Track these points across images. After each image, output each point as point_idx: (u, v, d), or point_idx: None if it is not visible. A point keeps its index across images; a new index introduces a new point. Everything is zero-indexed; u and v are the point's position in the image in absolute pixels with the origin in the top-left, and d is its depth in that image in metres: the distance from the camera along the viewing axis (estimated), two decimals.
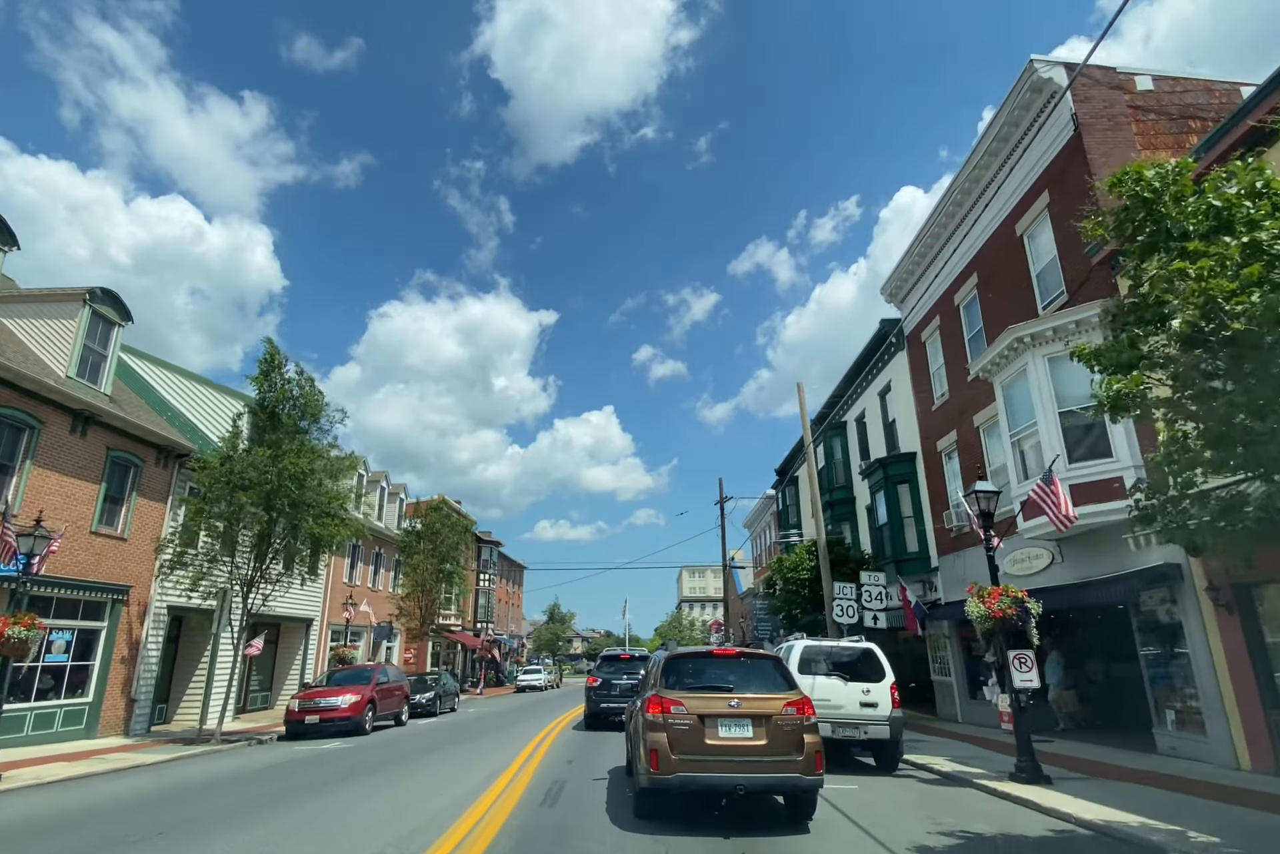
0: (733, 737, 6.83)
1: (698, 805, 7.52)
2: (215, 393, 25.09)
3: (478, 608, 49.96)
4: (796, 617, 19.34)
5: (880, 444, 22.60)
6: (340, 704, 16.80)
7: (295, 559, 17.20)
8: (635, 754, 7.76)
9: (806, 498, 33.26)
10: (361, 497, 30.08)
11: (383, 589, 32.39)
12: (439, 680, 25.09)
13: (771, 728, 6.85)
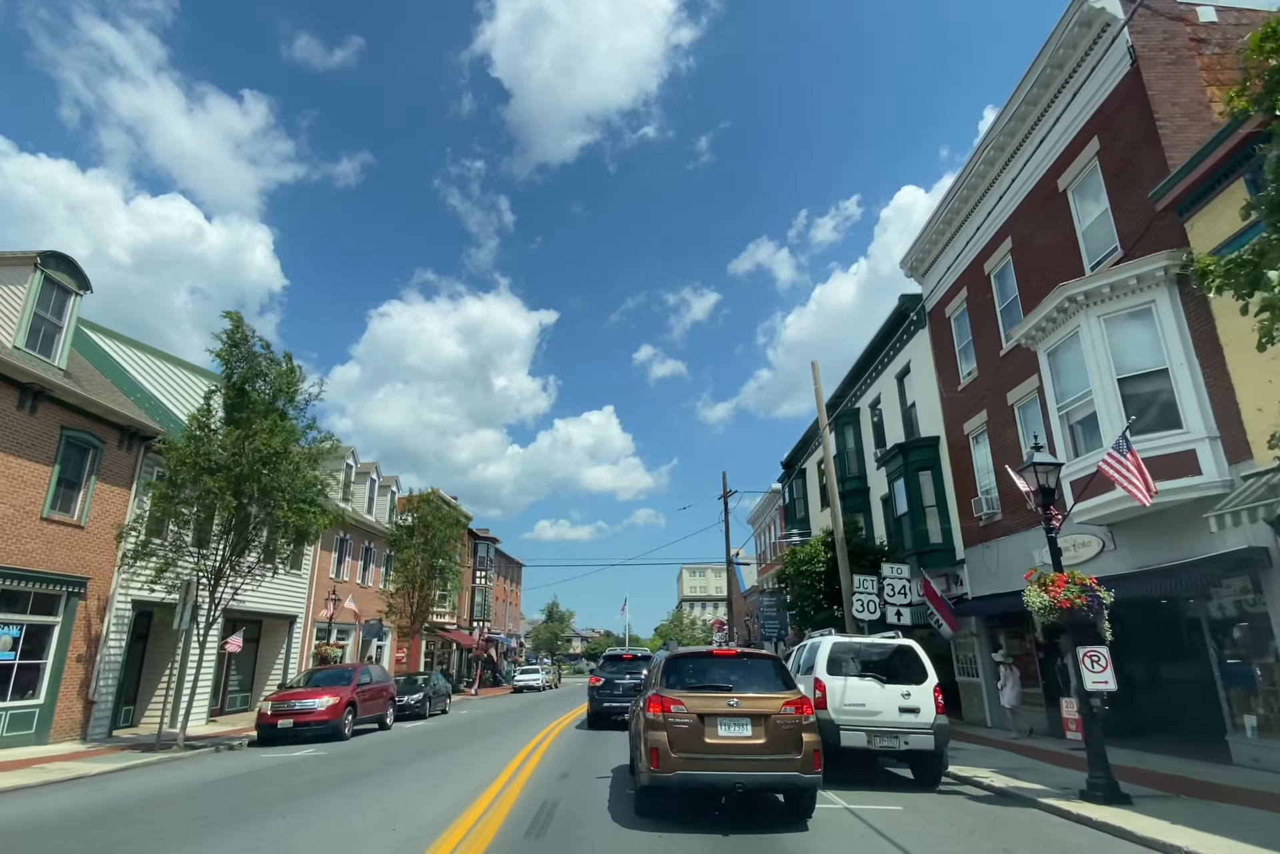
0: (732, 735, 6.89)
1: (698, 803, 7.53)
2: (192, 376, 23.74)
3: (474, 606, 48.57)
4: (811, 613, 17.97)
5: (898, 430, 21.23)
6: (317, 707, 15.43)
7: (269, 550, 15.80)
8: (636, 753, 7.81)
9: (815, 491, 31.91)
10: (348, 484, 28.74)
11: (373, 585, 31.01)
12: (429, 681, 23.71)
13: (770, 727, 6.90)
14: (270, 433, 14.69)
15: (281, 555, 16.06)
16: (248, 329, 15.73)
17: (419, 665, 37.14)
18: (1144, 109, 11.18)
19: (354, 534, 29.23)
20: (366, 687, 17.36)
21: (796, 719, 7.01)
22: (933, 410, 19.06)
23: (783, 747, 6.85)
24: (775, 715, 6.96)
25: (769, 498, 45.41)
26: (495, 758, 11.93)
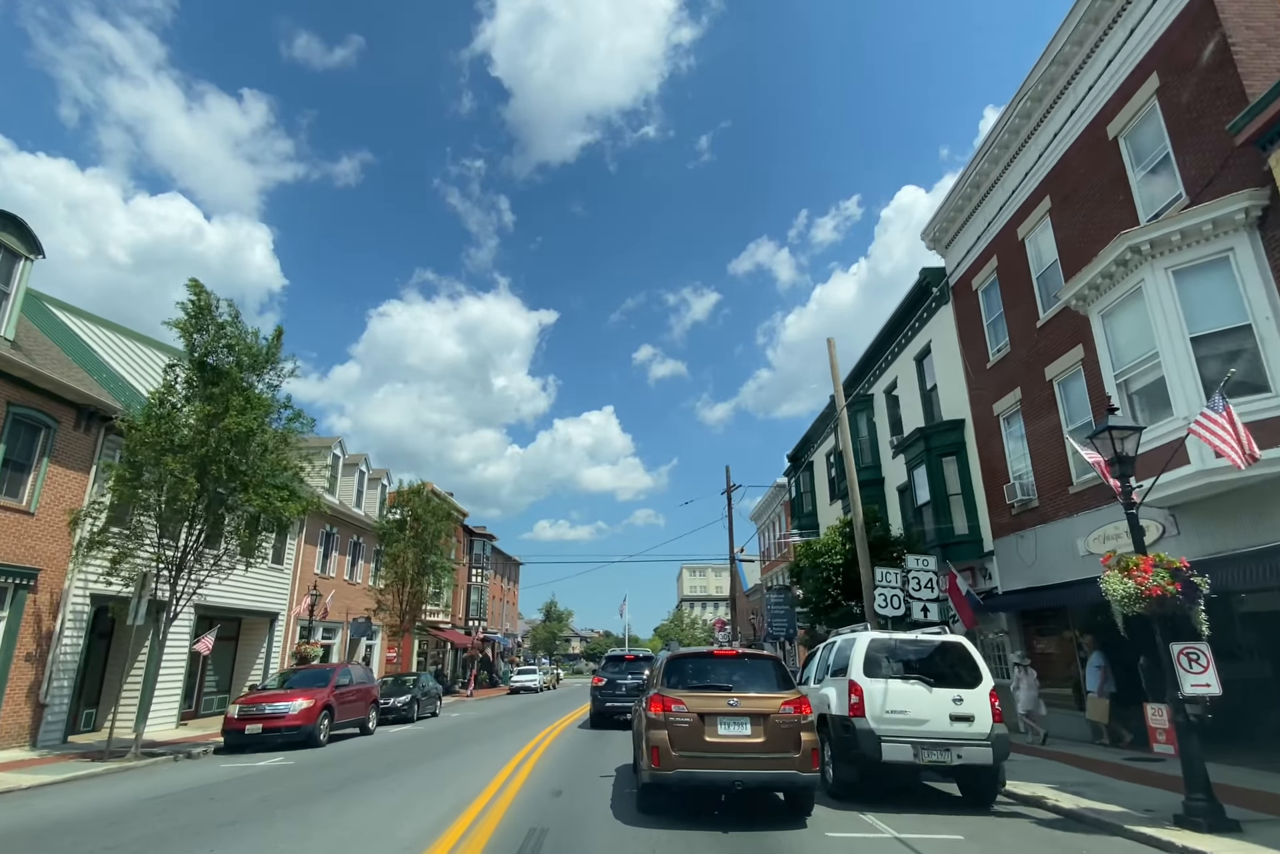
0: (732, 734, 6.98)
1: (699, 801, 7.63)
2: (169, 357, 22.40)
3: (469, 604, 47.22)
4: (826, 609, 16.62)
5: (917, 415, 19.90)
6: (288, 710, 14.09)
7: (237, 539, 14.45)
8: (638, 751, 7.91)
9: (823, 484, 30.59)
10: (336, 476, 27.31)
11: (361, 582, 29.64)
12: (417, 682, 22.37)
13: (769, 726, 6.99)
14: (241, 411, 13.35)
15: (249, 545, 14.67)
16: (211, 297, 14.38)
17: (411, 666, 35.79)
18: (1215, 36, 9.86)
19: (341, 528, 27.88)
20: (345, 688, 16.02)
21: (795, 719, 7.07)
22: (956, 392, 17.73)
23: (781, 746, 6.91)
24: (774, 715, 7.05)
25: (773, 493, 44.09)
26: (482, 769, 10.61)
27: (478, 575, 48.64)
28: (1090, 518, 12.50)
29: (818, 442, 31.71)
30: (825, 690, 8.61)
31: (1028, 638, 15.06)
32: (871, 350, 23.44)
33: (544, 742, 14.62)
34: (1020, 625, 15.22)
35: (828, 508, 29.74)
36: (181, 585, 13.97)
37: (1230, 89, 9.64)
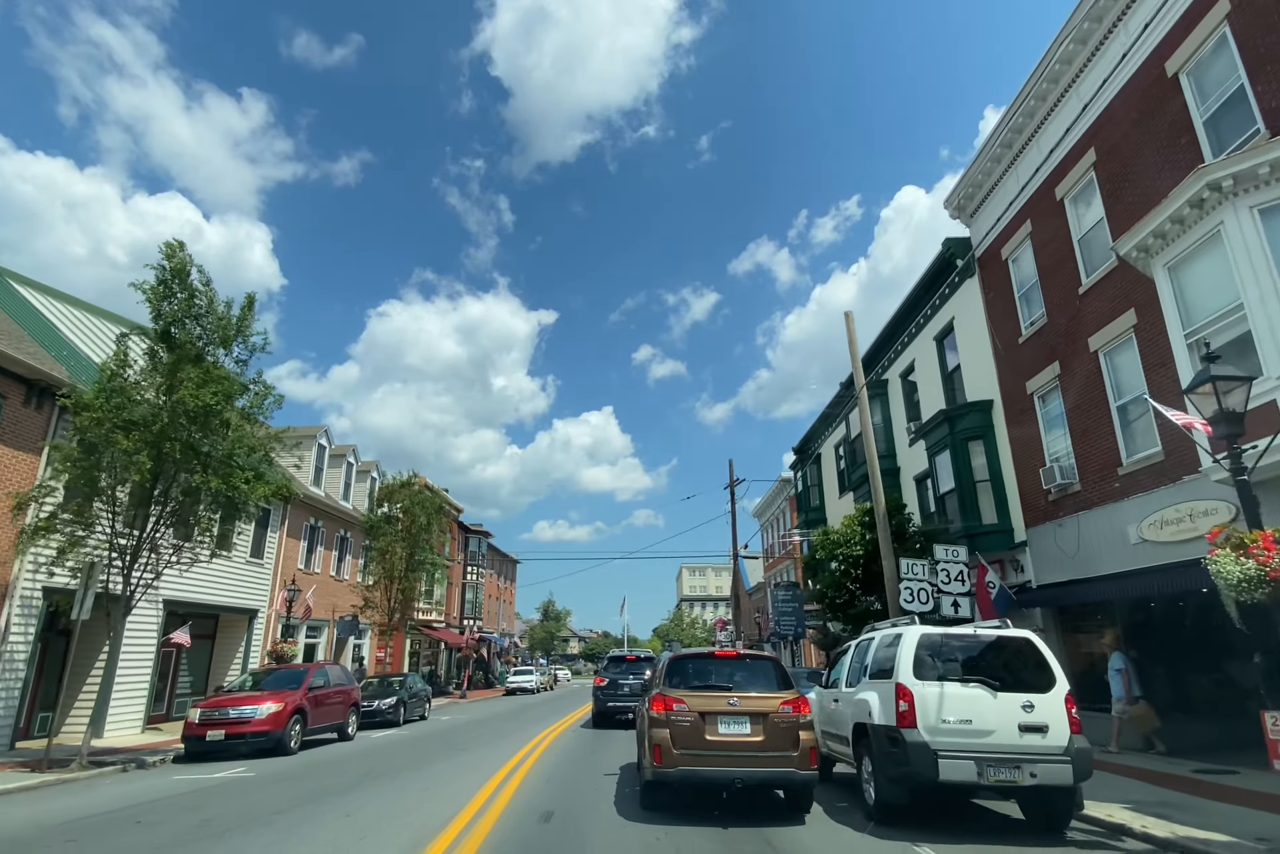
0: (732, 733, 7.10)
1: (700, 798, 7.70)
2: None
3: (464, 603, 45.92)
4: (844, 605, 15.32)
5: (937, 399, 18.61)
6: (255, 715, 12.80)
7: (200, 527, 13.14)
8: (641, 749, 8.07)
9: (831, 476, 29.31)
10: (322, 468, 25.93)
11: (349, 579, 28.34)
12: (404, 683, 21.06)
13: (768, 725, 7.12)
14: (199, 384, 12.04)
15: (214, 534, 13.36)
16: (187, 260, 13.06)
17: (403, 666, 34.49)
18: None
19: (327, 521, 26.57)
20: (321, 690, 14.72)
21: (794, 718, 7.22)
22: (982, 372, 16.45)
23: (780, 744, 7.04)
24: (773, 714, 7.19)
25: (777, 489, 42.82)
26: (463, 783, 9.32)
27: (473, 573, 47.33)
28: (1143, 501, 11.22)
29: (826, 433, 30.44)
30: (864, 696, 7.31)
31: (1065, 636, 13.78)
32: (886, 333, 22.17)
33: (538, 748, 13.34)
34: (1057, 622, 13.94)
35: (837, 501, 28.45)
36: (137, 577, 12.66)
37: None
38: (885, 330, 22.06)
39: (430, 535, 26.45)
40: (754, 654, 8.83)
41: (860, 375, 15.50)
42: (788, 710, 7.23)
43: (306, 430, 26.37)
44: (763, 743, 7.04)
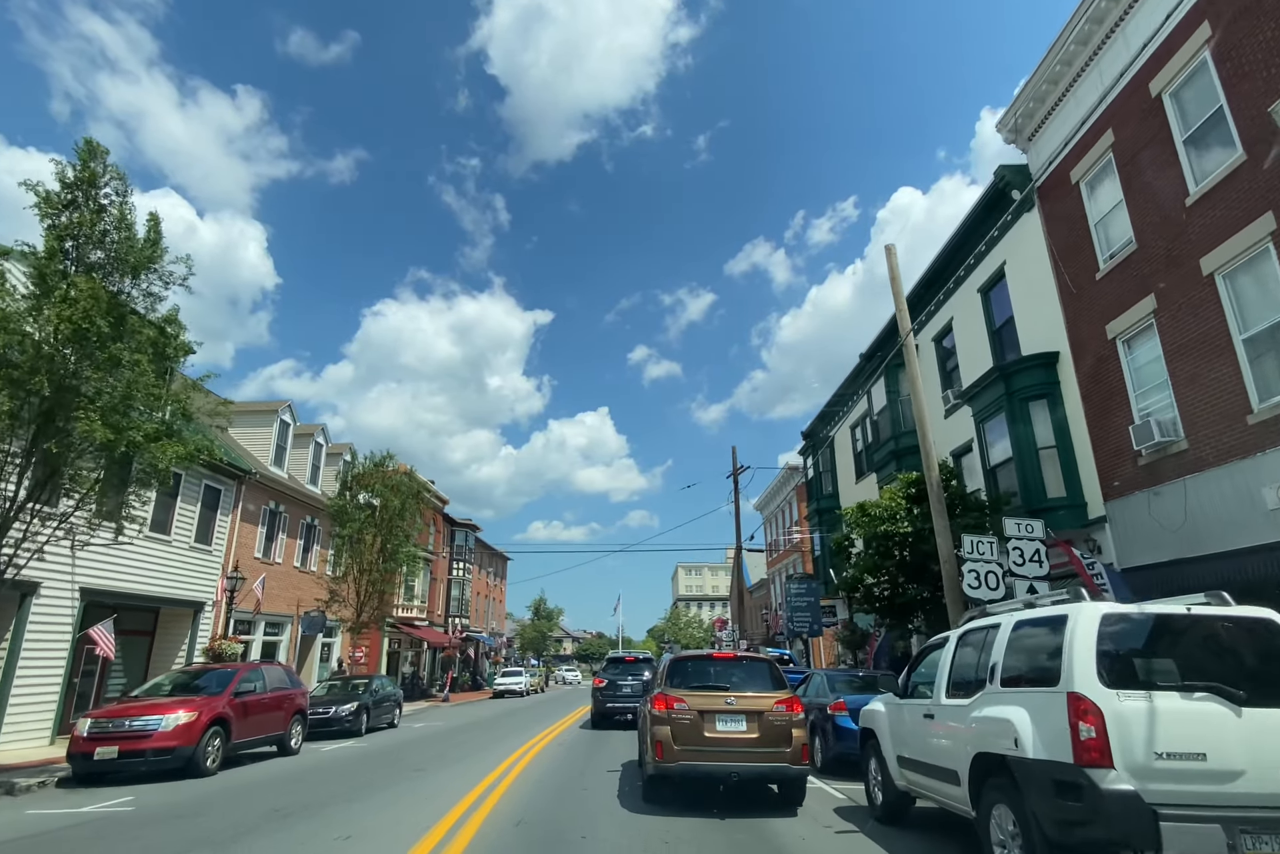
0: (729, 730, 7.53)
1: (699, 792, 7.98)
2: None
3: (449, 600, 43.27)
4: (886, 594, 12.80)
5: (982, 359, 16.13)
6: (159, 727, 10.23)
7: (80, 489, 10.55)
8: (643, 746, 8.50)
9: (847, 460, 26.79)
10: (284, 447, 23.14)
11: (318, 570, 25.67)
12: (369, 687, 18.46)
13: (763, 723, 7.54)
14: (79, 302, 9.43)
15: (103, 502, 10.76)
16: (104, 158, 10.54)
17: (379, 667, 31.88)
18: None
19: (290, 506, 23.94)
20: (252, 696, 12.13)
21: (787, 716, 7.62)
22: (1043, 320, 14.01)
23: (774, 741, 7.46)
24: (768, 713, 7.59)
25: (782, 480, 40.35)
26: (404, 826, 6.77)
27: (459, 569, 44.70)
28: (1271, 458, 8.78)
29: (840, 414, 27.96)
30: (997, 712, 4.74)
31: None
32: (915, 295, 19.65)
33: (517, 765, 10.81)
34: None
35: (853, 487, 25.97)
36: (7, 555, 10.07)
37: None
38: (914, 292, 19.56)
39: (405, 522, 23.83)
40: (750, 656, 9.41)
41: (906, 320, 13.03)
42: (781, 709, 7.62)
43: (265, 405, 23.80)
44: (758, 739, 7.43)
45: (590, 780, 9.65)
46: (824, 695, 10.76)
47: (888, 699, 6.98)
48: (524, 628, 64.02)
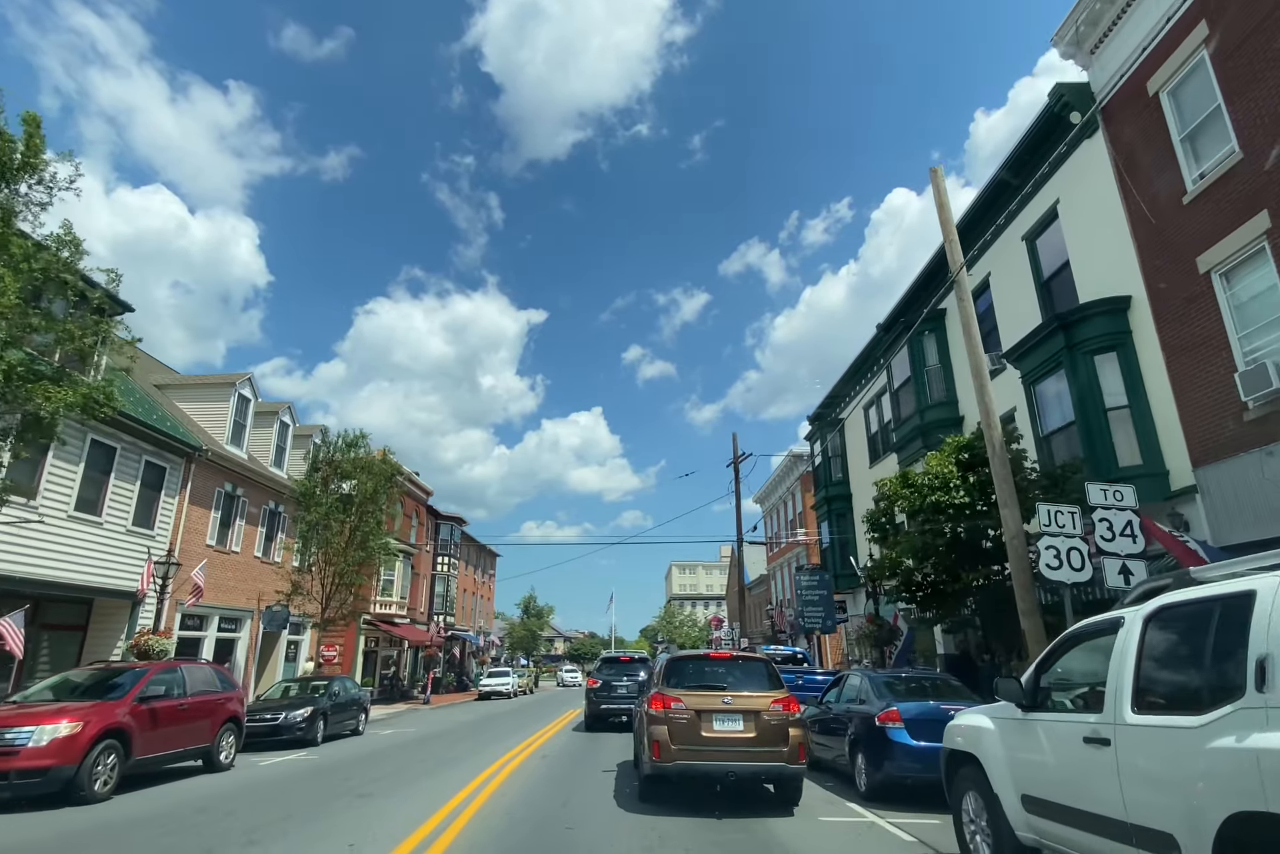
0: (726, 729, 7.53)
1: (696, 791, 7.92)
2: None
3: (433, 596, 41.07)
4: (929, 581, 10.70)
5: (1027, 315, 14.12)
6: (29, 741, 8.09)
7: None
8: (640, 746, 8.43)
9: (859, 443, 24.75)
10: (243, 424, 20.82)
11: (282, 561, 23.45)
12: (328, 689, 16.31)
13: (760, 722, 7.54)
14: None
15: None
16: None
17: (354, 667, 29.71)
18: None
19: (250, 490, 21.74)
20: (164, 702, 9.98)
21: (784, 715, 7.63)
22: (1106, 263, 12.02)
23: (771, 740, 7.47)
24: (765, 712, 7.59)
25: (785, 468, 38.32)
26: None
27: (444, 564, 42.51)
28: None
29: (852, 393, 25.96)
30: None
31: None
32: (937, 261, 17.69)
33: (490, 783, 8.70)
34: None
35: (865, 472, 23.97)
36: None
37: None
38: (937, 257, 17.56)
39: (378, 508, 21.67)
40: (747, 656, 9.61)
41: (956, 249, 10.92)
42: (778, 708, 7.64)
43: (222, 377, 21.63)
44: (755, 739, 7.46)
45: (575, 810, 7.58)
46: (867, 701, 8.69)
47: (998, 711, 4.88)
48: (513, 627, 61.75)
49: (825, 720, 10.27)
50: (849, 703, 9.17)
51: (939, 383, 17.97)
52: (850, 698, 9.32)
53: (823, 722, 10.34)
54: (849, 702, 9.25)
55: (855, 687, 9.30)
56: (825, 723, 10.25)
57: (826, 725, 10.20)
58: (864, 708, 8.56)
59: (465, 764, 11.40)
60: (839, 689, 9.99)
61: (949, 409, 17.47)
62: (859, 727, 8.51)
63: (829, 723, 10.10)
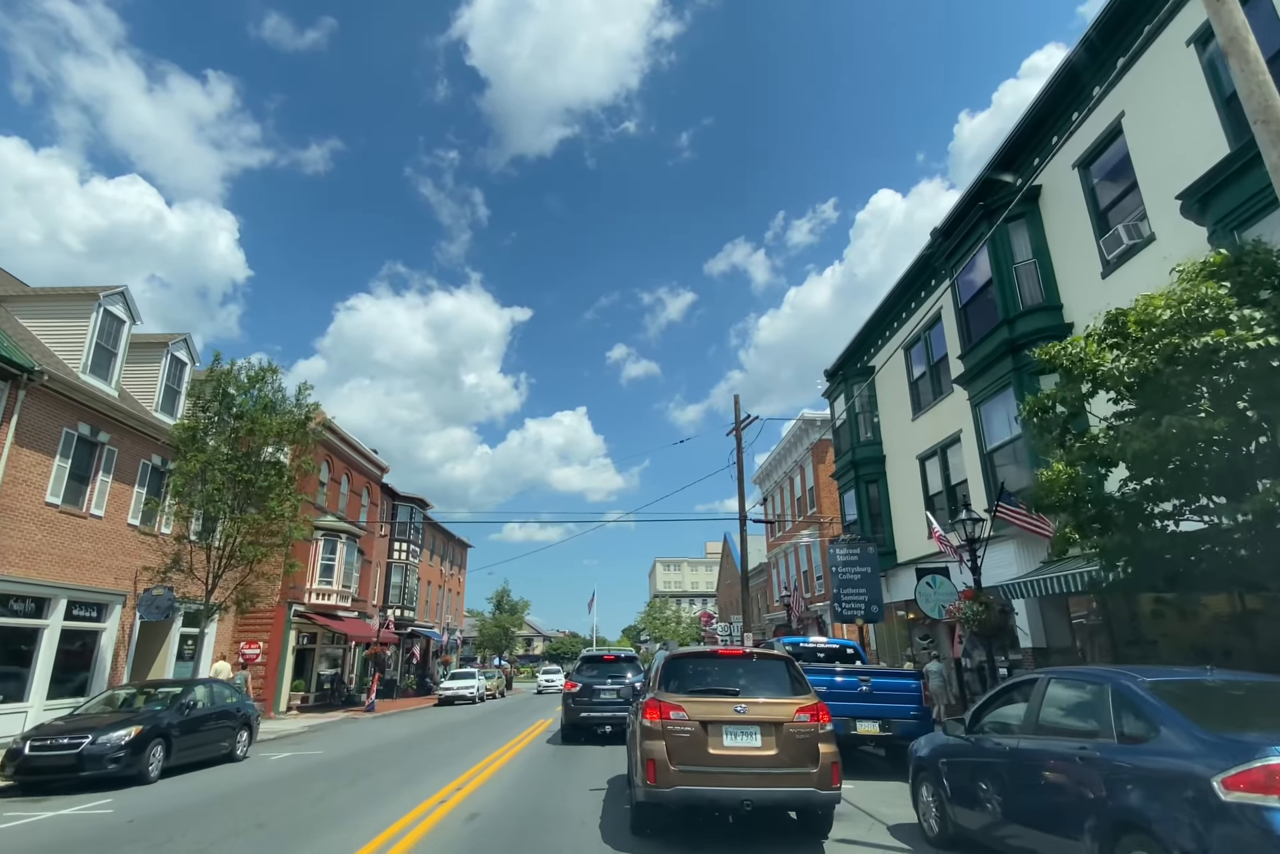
0: (739, 746, 6.08)
1: (701, 822, 6.86)
2: None
3: (389, 588, 36.06)
4: (1145, 512, 5.95)
5: (1197, 156, 9.56)
6: None
7: None
8: (632, 764, 6.98)
9: (898, 391, 20.15)
10: (95, 345, 15.54)
11: (172, 532, 18.37)
12: (180, 699, 11.37)
13: (783, 736, 6.09)
14: None
15: None
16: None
17: (281, 668, 24.69)
18: None
19: (122, 438, 16.70)
20: None
21: (812, 727, 6.15)
22: None
23: (797, 759, 6.00)
24: (788, 723, 6.13)
25: (795, 436, 33.61)
26: None
27: (402, 551, 37.47)
28: None
29: (885, 335, 21.40)
30: None
31: None
32: (1034, 115, 13.16)
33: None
34: None
35: (907, 425, 19.43)
36: None
37: None
38: (1039, 104, 13.03)
39: (285, 456, 16.63)
40: (763, 653, 7.44)
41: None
42: (804, 719, 6.15)
43: (82, 289, 16.57)
44: (776, 758, 5.98)
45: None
46: (1157, 740, 3.89)
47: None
48: (484, 623, 56.63)
49: (998, 768, 5.28)
50: (1087, 740, 4.40)
51: (1032, 284, 13.43)
52: (1083, 727, 4.56)
53: (990, 772, 5.35)
54: (1083, 735, 4.49)
55: (1093, 702, 4.52)
56: (995, 773, 5.29)
57: (1003, 779, 5.20)
58: (1162, 760, 3.77)
59: (365, 818, 6.67)
60: (1026, 705, 5.19)
61: (1050, 315, 12.94)
62: (1146, 795, 3.77)
63: (1015, 775, 5.07)
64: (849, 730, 9.85)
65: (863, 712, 9.89)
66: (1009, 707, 5.53)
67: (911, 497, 19.12)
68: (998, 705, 5.68)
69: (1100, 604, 12.12)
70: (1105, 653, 12.36)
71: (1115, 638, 12.26)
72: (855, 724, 9.89)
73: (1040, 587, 10.24)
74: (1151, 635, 12.26)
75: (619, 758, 11.22)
